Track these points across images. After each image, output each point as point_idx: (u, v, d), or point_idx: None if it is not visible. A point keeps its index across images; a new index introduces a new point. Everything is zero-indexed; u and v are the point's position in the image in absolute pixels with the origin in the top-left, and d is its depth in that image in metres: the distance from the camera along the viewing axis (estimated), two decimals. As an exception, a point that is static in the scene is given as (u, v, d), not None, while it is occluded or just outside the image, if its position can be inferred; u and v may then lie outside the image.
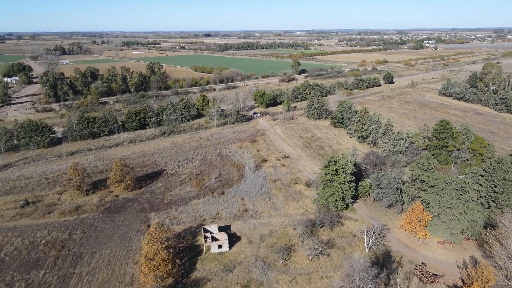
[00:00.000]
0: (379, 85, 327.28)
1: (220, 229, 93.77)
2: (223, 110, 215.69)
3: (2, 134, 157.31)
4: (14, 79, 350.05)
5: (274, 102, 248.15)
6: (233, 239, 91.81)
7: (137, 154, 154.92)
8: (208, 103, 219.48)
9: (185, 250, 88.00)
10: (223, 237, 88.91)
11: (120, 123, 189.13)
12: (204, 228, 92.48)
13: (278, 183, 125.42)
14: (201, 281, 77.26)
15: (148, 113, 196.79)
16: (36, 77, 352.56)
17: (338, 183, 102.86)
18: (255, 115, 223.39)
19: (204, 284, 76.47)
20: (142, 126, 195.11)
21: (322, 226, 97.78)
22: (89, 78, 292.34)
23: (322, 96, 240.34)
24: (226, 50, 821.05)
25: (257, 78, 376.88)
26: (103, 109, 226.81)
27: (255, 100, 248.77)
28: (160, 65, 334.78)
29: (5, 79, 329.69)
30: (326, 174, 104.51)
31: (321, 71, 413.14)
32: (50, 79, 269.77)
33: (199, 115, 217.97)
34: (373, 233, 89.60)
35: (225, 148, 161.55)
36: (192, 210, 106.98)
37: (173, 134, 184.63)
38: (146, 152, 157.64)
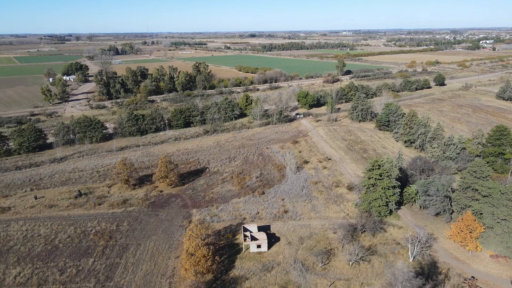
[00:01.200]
0: (429, 87, 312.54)
1: (260, 228, 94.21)
2: (266, 110, 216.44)
3: (60, 129, 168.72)
4: (72, 77, 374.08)
5: (318, 103, 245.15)
6: (272, 240, 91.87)
7: (181, 151, 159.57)
8: (251, 103, 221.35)
9: (225, 248, 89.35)
10: (262, 237, 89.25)
11: (166, 121, 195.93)
12: (243, 227, 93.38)
13: (319, 185, 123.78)
14: (239, 279, 78.09)
15: (193, 111, 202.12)
16: (91, 76, 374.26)
17: (382, 188, 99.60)
18: (298, 116, 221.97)
19: (242, 283, 77.22)
20: (187, 124, 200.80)
21: (364, 231, 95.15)
22: (139, 77, 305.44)
23: (368, 98, 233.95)
24: (270, 51, 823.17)
25: (301, 78, 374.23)
26: (151, 107, 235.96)
27: (298, 100, 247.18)
28: (205, 65, 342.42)
29: (64, 77, 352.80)
30: (369, 178, 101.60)
31: (367, 72, 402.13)
32: (103, 77, 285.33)
33: (242, 115, 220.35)
34: (418, 241, 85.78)
35: (267, 148, 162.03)
36: (232, 208, 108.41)
37: (216, 133, 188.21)
38: (190, 149, 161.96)
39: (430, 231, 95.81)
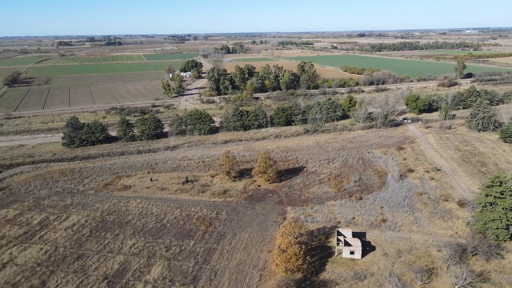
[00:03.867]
0: None
1: (354, 234, 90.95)
2: (370, 113, 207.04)
3: (174, 120, 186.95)
4: (188, 73, 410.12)
5: (429, 108, 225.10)
6: (367, 248, 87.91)
7: (281, 149, 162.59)
8: (354, 105, 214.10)
9: (316, 249, 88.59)
10: (356, 244, 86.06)
11: (268, 118, 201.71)
12: (337, 230, 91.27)
13: (424, 197, 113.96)
14: (329, 283, 76.71)
15: (295, 110, 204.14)
16: (204, 73, 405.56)
17: (503, 208, 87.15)
18: (405, 120, 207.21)
19: (331, 287, 75.70)
20: (288, 122, 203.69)
21: (475, 254, 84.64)
22: (246, 75, 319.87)
23: (492, 105, 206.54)
24: (379, 51, 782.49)
25: (412, 81, 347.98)
26: (255, 104, 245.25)
27: (407, 104, 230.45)
28: (311, 64, 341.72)
29: (181, 74, 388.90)
30: (487, 195, 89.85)
31: (493, 75, 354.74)
32: (215, 74, 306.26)
33: (345, 116, 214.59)
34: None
35: (368, 152, 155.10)
36: (327, 210, 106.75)
37: (316, 133, 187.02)
38: (289, 147, 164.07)
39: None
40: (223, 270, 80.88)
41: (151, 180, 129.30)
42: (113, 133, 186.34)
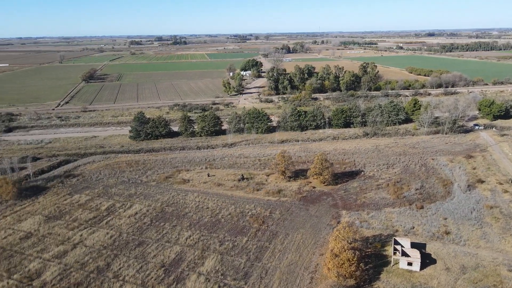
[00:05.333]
0: None
1: (413, 245, 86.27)
2: (436, 118, 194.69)
3: (233, 118, 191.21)
4: (248, 72, 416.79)
5: (506, 114, 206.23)
6: (427, 260, 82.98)
7: (338, 151, 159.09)
8: (419, 108, 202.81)
9: (371, 257, 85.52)
10: (415, 255, 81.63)
11: (326, 119, 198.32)
12: (395, 239, 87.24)
13: (495, 211, 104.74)
14: (383, 293, 73.70)
15: (354, 112, 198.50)
16: (264, 72, 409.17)
17: None
18: (476, 127, 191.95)
19: (386, 297, 72.67)
20: (347, 124, 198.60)
21: (553, 278, 76.16)
22: (305, 75, 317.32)
23: None
24: (450, 51, 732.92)
25: (486, 84, 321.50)
26: (313, 105, 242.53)
27: (479, 109, 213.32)
28: (374, 65, 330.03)
29: (242, 73, 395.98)
30: None
31: None
32: (274, 74, 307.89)
33: (408, 120, 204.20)
34: None
35: (432, 159, 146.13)
36: (384, 217, 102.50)
37: (376, 136, 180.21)
38: (346, 150, 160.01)
39: None
40: (274, 269, 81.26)
41: (208, 176, 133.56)
42: (175, 128, 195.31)
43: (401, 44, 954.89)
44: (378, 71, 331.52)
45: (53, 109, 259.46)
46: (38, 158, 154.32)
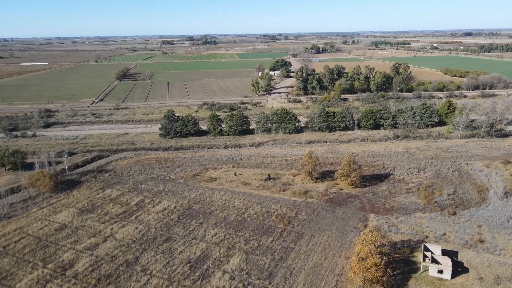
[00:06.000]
0: None
1: (444, 252, 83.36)
2: (472, 121, 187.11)
3: (261, 118, 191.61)
4: (276, 72, 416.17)
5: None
6: (458, 269, 79.95)
7: (367, 153, 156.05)
8: (454, 111, 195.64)
9: (399, 262, 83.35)
10: (446, 262, 78.84)
11: (355, 121, 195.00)
12: (424, 245, 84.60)
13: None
14: (411, 300, 71.68)
15: (384, 114, 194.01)
16: (293, 72, 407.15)
17: None
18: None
19: (413, 305, 70.63)
20: (376, 126, 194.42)
21: None
22: (335, 75, 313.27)
23: None
24: (489, 52, 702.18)
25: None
26: (342, 105, 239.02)
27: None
28: (406, 65, 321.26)
29: (270, 72, 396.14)
30: None
31: None
32: (303, 74, 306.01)
33: (441, 123, 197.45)
34: None
35: (467, 164, 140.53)
36: (414, 222, 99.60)
37: (407, 139, 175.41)
38: (376, 152, 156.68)
39: None
40: (298, 270, 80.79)
41: (235, 175, 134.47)
42: (203, 126, 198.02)
43: (435, 44, 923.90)
44: (410, 72, 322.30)
45: (88, 106, 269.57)
46: (73, 153, 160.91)
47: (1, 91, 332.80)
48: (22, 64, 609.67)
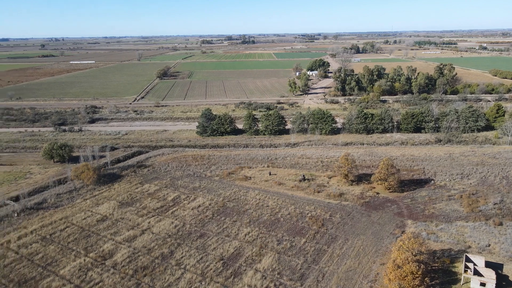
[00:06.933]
0: None
1: (488, 264, 78.99)
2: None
3: (297, 118, 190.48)
4: (314, 72, 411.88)
5: None
6: (503, 283, 75.47)
7: (406, 157, 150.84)
8: (503, 115, 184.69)
9: (438, 272, 79.97)
10: (490, 275, 74.68)
11: (395, 123, 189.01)
12: (466, 256, 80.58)
13: None
14: (449, 312, 68.60)
15: (426, 116, 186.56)
16: (331, 72, 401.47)
17: None
18: None
19: (452, 317, 67.53)
20: (417, 129, 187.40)
21: None
22: (375, 76, 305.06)
23: None
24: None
25: None
26: (381, 107, 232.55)
27: None
28: (451, 67, 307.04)
29: (308, 72, 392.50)
30: None
31: None
32: (341, 74, 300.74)
33: (488, 127, 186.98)
34: None
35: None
36: (455, 231, 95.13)
37: (450, 144, 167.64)
38: (415, 156, 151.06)
39: None
40: (331, 273, 79.66)
41: (270, 174, 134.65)
42: (239, 125, 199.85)
43: (484, 44, 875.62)
44: (456, 73, 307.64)
45: (130, 103, 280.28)
46: (115, 148, 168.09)
47: (52, 88, 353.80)
48: (71, 62, 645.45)
